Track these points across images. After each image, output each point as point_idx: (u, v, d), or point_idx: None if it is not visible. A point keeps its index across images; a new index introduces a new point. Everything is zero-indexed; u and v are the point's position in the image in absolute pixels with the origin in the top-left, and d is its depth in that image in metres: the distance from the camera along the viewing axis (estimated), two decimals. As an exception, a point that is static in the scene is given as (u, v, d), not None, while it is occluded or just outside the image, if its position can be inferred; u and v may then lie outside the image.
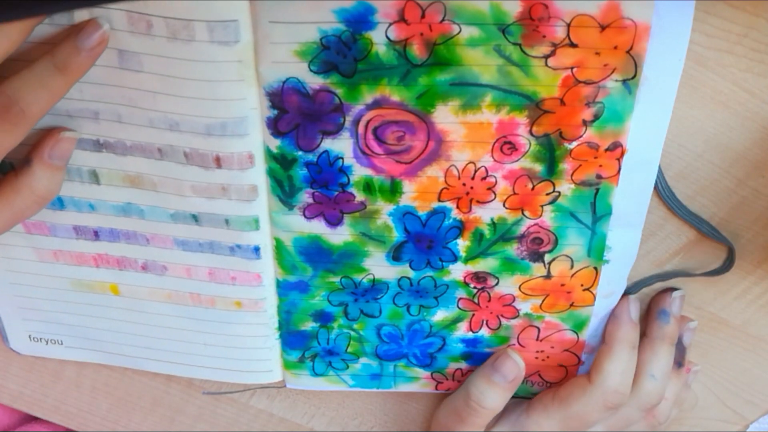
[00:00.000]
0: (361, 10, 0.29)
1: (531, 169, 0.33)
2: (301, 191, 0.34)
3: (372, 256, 0.36)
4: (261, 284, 0.37)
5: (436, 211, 0.34)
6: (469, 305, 0.38)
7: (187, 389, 0.44)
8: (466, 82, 0.31)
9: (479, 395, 0.39)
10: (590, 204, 0.34)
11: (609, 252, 0.35)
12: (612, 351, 0.38)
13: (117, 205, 0.35)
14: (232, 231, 0.35)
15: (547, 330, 0.38)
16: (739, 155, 0.35)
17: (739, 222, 0.37)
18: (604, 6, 0.29)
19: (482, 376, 0.39)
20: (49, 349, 0.42)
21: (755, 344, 0.42)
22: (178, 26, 0.29)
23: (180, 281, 0.38)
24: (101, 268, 0.38)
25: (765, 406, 0.44)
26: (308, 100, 0.31)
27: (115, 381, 0.44)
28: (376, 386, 0.42)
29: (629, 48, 0.30)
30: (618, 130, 0.32)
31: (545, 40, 0.30)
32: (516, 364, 0.39)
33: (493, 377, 0.39)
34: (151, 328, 0.40)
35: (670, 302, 0.39)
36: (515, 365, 0.39)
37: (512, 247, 0.35)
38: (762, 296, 0.40)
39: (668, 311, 0.39)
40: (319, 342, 0.40)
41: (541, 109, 0.31)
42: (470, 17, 0.29)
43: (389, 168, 0.33)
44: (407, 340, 0.39)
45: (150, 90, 0.31)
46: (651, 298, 0.40)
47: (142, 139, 0.33)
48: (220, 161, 0.33)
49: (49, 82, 0.30)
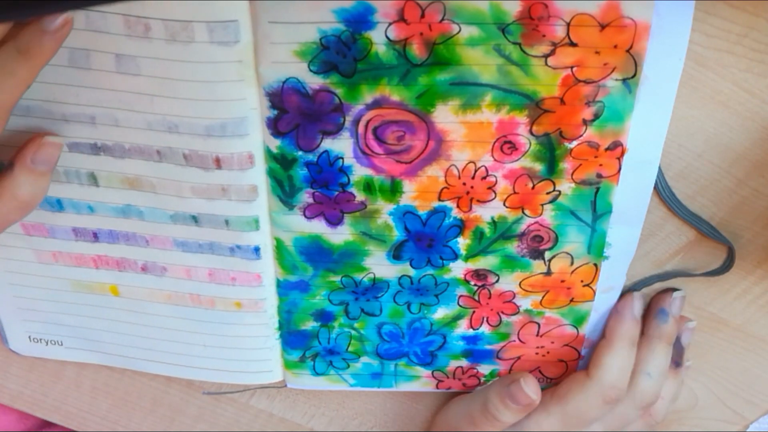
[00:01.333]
0: (360, 10, 0.29)
1: (531, 168, 0.33)
2: (301, 191, 0.34)
3: (372, 255, 0.36)
4: (261, 284, 0.37)
5: (436, 210, 0.34)
6: (470, 302, 0.38)
7: (187, 389, 0.44)
8: (466, 82, 0.31)
9: (494, 410, 0.39)
10: (590, 203, 0.34)
11: (609, 248, 0.36)
12: (612, 346, 0.38)
13: (116, 207, 0.35)
14: (232, 231, 0.35)
15: (547, 326, 0.39)
16: (739, 155, 0.35)
17: (739, 222, 0.37)
18: (603, 5, 0.29)
19: (498, 394, 0.39)
20: (48, 350, 0.42)
21: (755, 344, 0.42)
22: (177, 28, 0.29)
23: (180, 282, 0.38)
24: (101, 269, 0.38)
25: (765, 406, 0.44)
26: (308, 100, 0.31)
27: (115, 381, 0.44)
28: (377, 385, 0.42)
29: (629, 47, 0.30)
30: (618, 130, 0.32)
31: (545, 40, 0.30)
32: (528, 396, 0.39)
33: (506, 400, 0.39)
34: (151, 329, 0.40)
35: (670, 302, 0.39)
36: (527, 397, 0.39)
37: (512, 245, 0.35)
38: (762, 296, 0.40)
39: (667, 311, 0.39)
40: (320, 341, 0.40)
41: (541, 109, 0.31)
42: (470, 17, 0.29)
43: (389, 168, 0.33)
44: (408, 339, 0.39)
45: (148, 93, 0.31)
46: (651, 298, 0.40)
47: (141, 142, 0.33)
48: (219, 162, 0.33)
49: (15, 68, 0.29)
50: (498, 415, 0.39)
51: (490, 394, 0.40)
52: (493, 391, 0.40)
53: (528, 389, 0.39)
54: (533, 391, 0.39)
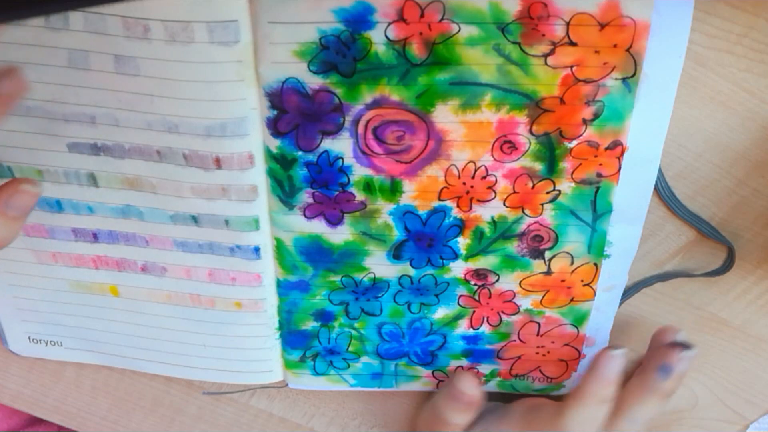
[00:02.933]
0: (360, 10, 0.29)
1: (531, 168, 0.33)
2: (301, 191, 0.34)
3: (373, 255, 0.36)
4: (261, 284, 0.37)
5: (436, 210, 0.34)
6: (470, 302, 0.38)
7: (187, 389, 0.44)
8: (465, 82, 0.31)
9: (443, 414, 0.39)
10: (590, 202, 0.34)
11: (609, 247, 0.36)
12: (579, 401, 0.36)
13: (116, 208, 0.35)
14: (232, 231, 0.35)
15: (547, 325, 0.39)
16: (739, 155, 0.35)
17: (739, 222, 0.37)
18: (603, 4, 0.29)
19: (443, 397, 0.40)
20: (48, 351, 0.42)
21: (755, 344, 0.42)
22: (177, 28, 0.29)
23: (180, 282, 0.38)
24: (101, 269, 0.38)
25: (765, 406, 0.44)
26: (308, 100, 0.31)
27: (115, 381, 0.44)
28: (377, 385, 0.42)
29: (629, 46, 0.30)
30: (618, 129, 0.32)
31: (545, 39, 0.30)
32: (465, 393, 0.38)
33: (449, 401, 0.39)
34: (151, 329, 0.40)
35: (677, 359, 0.36)
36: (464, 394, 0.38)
37: (513, 245, 0.35)
38: (762, 296, 0.40)
39: (672, 368, 0.36)
40: (320, 341, 0.40)
41: (541, 108, 0.31)
42: (469, 16, 0.29)
43: (389, 168, 0.33)
44: (408, 339, 0.39)
45: (148, 93, 0.31)
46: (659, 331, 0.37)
47: (141, 142, 0.33)
48: (219, 162, 0.33)
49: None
50: (447, 417, 0.39)
51: (437, 398, 0.40)
52: (439, 395, 0.40)
53: (463, 386, 0.38)
54: (469, 387, 0.38)
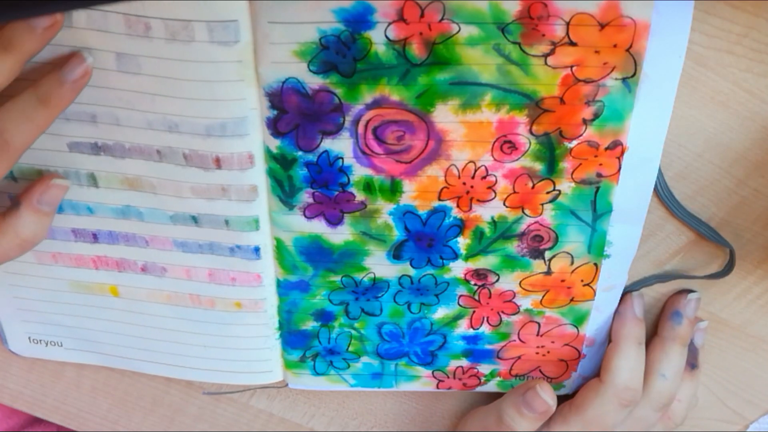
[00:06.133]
0: (360, 10, 0.29)
1: (531, 168, 0.33)
2: (301, 191, 0.34)
3: (373, 255, 0.36)
4: (261, 284, 0.37)
5: (436, 210, 0.34)
6: (470, 302, 0.38)
7: (187, 389, 0.44)
8: (465, 82, 0.31)
9: (510, 421, 0.39)
10: (590, 202, 0.34)
11: (609, 247, 0.36)
12: (619, 348, 0.38)
13: (116, 208, 0.35)
14: (232, 231, 0.35)
15: (547, 325, 0.39)
16: (739, 155, 0.35)
17: (739, 222, 0.37)
18: (603, 4, 0.29)
19: (513, 404, 0.39)
20: (48, 351, 0.42)
21: (755, 344, 0.42)
22: (178, 27, 0.29)
23: (180, 282, 0.38)
24: (100, 269, 0.38)
25: (765, 406, 0.44)
26: (308, 100, 0.31)
27: (115, 381, 0.44)
28: (377, 385, 0.42)
29: (629, 46, 0.30)
30: (618, 129, 0.32)
31: (545, 39, 0.30)
32: (545, 402, 0.39)
33: (522, 409, 0.39)
34: (151, 329, 0.40)
35: (685, 304, 0.39)
36: (544, 403, 0.39)
37: (512, 245, 0.35)
38: (762, 296, 0.40)
39: (682, 313, 0.39)
40: (320, 341, 0.40)
41: (541, 108, 0.31)
42: (469, 16, 0.29)
43: (389, 168, 0.33)
44: (408, 339, 0.39)
45: (149, 92, 0.31)
46: (667, 298, 0.40)
47: (141, 142, 0.33)
48: (219, 162, 0.33)
49: (33, 114, 0.30)
50: (514, 425, 0.39)
51: (505, 404, 0.40)
52: (508, 402, 0.40)
53: (544, 395, 0.39)
54: (549, 397, 0.39)
